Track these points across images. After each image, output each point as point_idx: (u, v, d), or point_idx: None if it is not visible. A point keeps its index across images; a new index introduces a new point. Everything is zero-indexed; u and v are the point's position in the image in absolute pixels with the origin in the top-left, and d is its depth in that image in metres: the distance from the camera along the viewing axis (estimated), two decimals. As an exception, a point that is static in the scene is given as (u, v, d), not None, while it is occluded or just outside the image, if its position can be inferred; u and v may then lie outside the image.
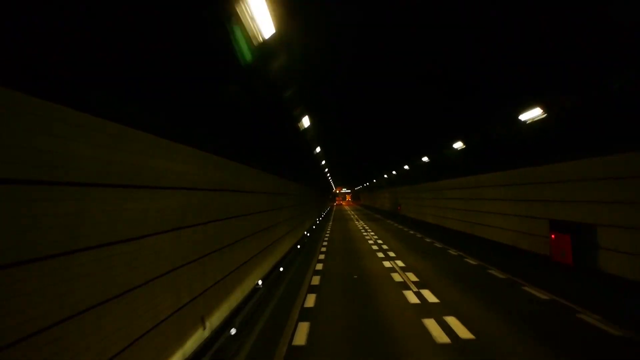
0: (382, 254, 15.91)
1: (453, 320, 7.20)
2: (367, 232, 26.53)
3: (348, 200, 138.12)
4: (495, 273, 11.40)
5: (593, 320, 6.99)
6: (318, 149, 20.64)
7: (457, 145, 15.82)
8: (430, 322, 7.18)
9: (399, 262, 13.93)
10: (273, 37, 4.99)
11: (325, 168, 34.42)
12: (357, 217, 43.63)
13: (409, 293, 9.38)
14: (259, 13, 4.37)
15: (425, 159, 20.79)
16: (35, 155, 2.67)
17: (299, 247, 18.64)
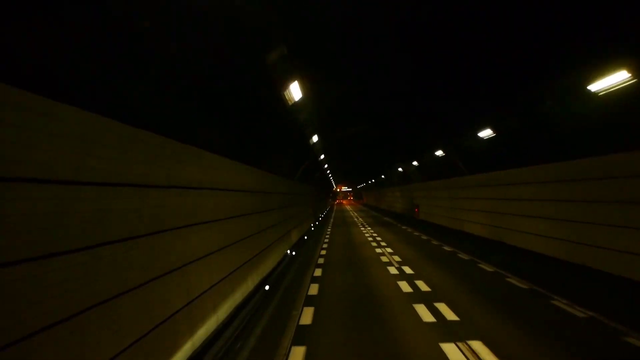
0: (423, 305, 7.99)
1: None
2: (380, 246, 18.62)
3: (350, 199, 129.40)
4: None
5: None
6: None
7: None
8: None
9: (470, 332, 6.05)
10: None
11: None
12: (362, 220, 35.79)
13: None
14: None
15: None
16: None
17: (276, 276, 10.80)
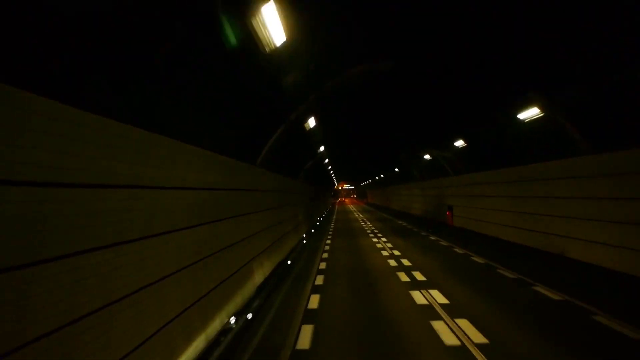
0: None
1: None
2: (418, 283, 10.55)
3: (352, 198, 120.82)
4: None
5: None
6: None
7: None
8: None
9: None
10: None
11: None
12: (371, 224, 27.80)
13: None
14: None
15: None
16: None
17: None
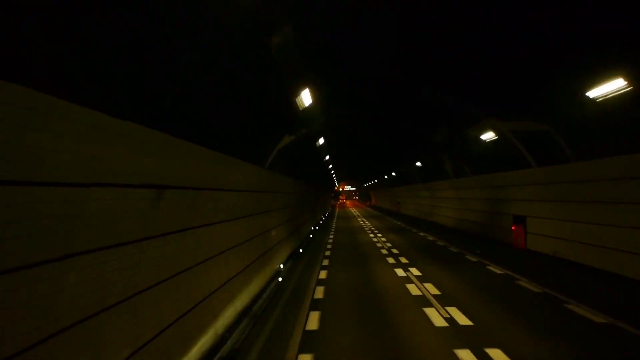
0: None
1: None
2: None
3: (354, 200, 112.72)
4: None
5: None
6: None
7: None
8: None
9: None
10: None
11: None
12: (383, 237, 20.07)
13: None
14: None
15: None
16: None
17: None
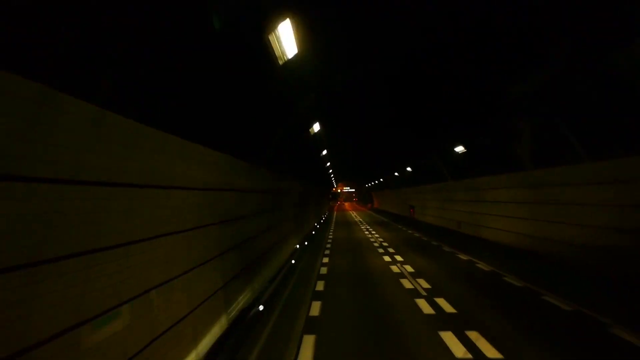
0: None
1: None
2: None
3: (354, 202, 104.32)
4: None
5: None
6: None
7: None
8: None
9: None
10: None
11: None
12: (426, 281, 11.88)
13: None
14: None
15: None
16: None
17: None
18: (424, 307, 7.67)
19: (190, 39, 4.11)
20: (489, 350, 5.48)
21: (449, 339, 5.93)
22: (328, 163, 29.88)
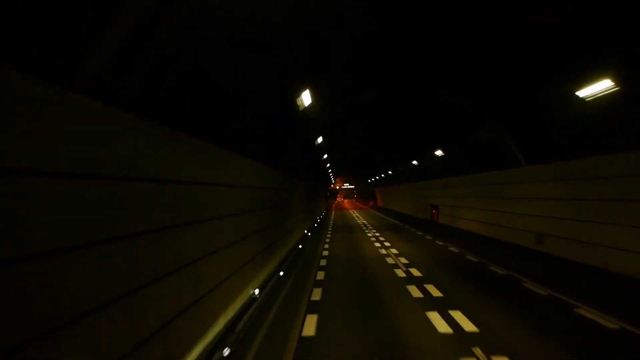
0: None
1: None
2: None
3: (354, 200, 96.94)
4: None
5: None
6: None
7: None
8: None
9: None
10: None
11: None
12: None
13: None
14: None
15: None
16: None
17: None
18: None
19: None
20: None
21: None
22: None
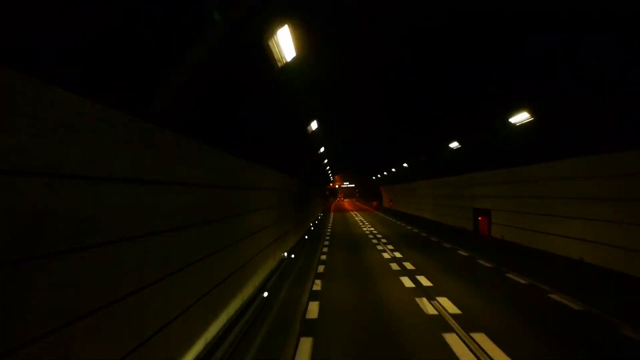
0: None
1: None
2: None
3: (354, 200, 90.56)
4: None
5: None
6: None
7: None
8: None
9: None
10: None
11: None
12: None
13: None
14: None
15: None
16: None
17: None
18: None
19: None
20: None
21: None
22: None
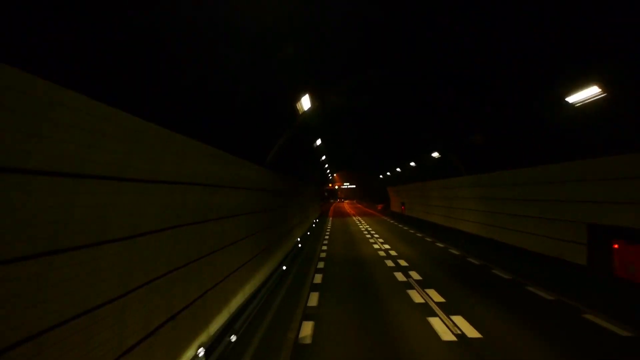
0: None
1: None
2: None
3: (355, 202, 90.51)
4: None
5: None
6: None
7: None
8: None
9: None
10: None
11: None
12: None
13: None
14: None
15: None
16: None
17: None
18: None
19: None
20: None
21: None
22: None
